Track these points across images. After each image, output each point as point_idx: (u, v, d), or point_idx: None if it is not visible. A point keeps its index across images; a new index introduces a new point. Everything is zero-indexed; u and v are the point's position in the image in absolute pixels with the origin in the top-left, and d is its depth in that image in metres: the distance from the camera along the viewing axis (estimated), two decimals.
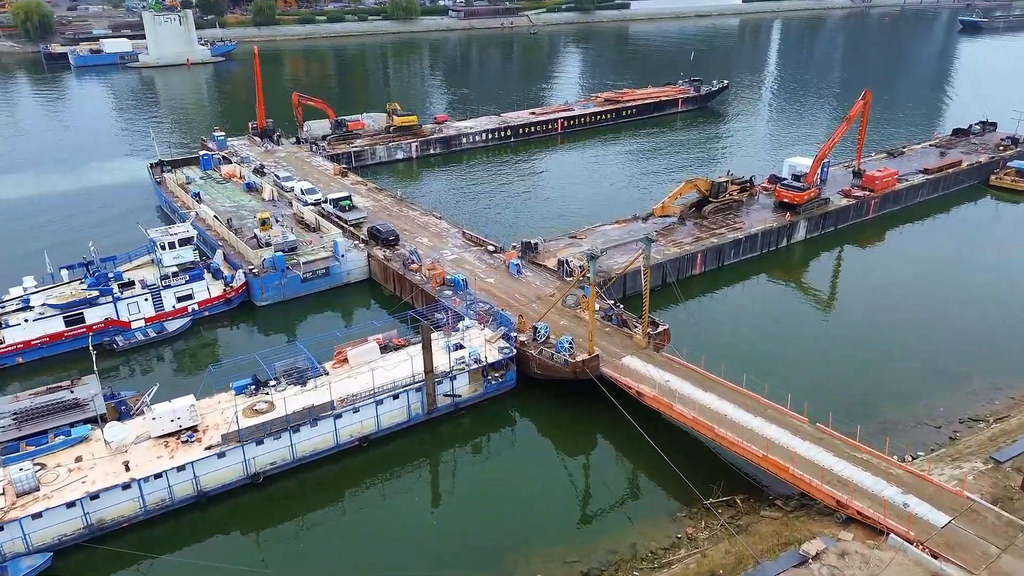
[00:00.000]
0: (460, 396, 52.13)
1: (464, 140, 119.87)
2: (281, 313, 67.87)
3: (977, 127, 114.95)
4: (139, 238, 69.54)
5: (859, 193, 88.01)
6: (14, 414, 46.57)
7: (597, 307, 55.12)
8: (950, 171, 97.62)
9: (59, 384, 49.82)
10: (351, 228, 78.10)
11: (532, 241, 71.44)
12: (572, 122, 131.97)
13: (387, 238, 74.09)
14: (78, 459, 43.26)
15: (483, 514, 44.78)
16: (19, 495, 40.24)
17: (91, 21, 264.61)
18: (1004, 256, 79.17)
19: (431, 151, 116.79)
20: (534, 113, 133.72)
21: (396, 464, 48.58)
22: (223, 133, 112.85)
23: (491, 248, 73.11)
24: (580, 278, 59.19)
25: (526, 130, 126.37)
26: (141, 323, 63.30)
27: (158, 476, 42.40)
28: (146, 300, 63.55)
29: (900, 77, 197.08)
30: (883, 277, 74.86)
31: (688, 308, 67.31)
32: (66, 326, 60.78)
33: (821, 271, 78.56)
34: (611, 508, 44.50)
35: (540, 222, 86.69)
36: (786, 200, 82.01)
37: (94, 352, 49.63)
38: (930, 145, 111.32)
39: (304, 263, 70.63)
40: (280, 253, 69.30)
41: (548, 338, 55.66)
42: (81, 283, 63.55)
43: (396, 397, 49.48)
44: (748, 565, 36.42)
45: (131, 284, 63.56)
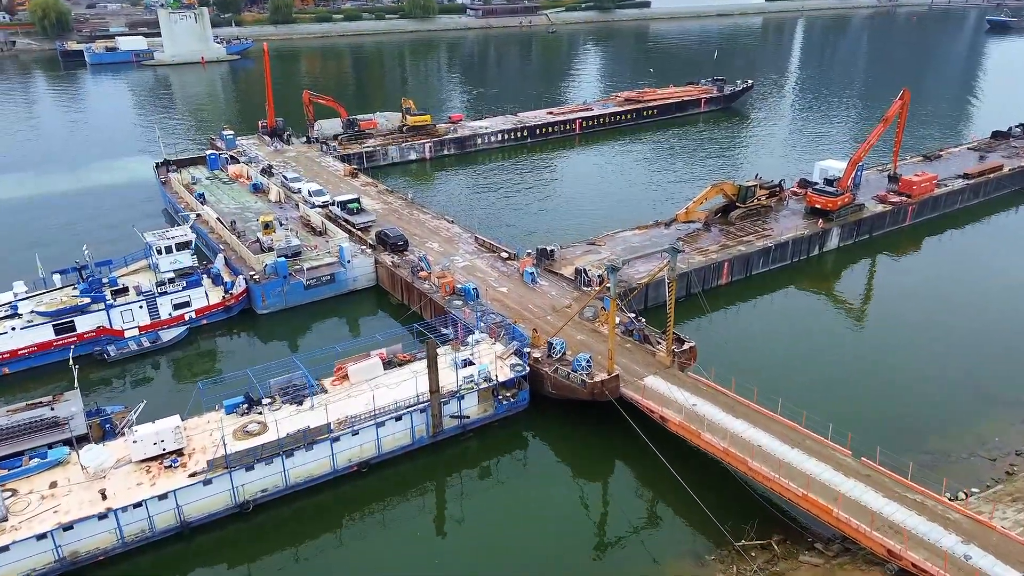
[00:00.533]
0: (468, 417, 48.29)
1: (479, 140, 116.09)
2: (283, 322, 64.42)
3: (1018, 129, 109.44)
4: (138, 241, 66.23)
5: (895, 199, 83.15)
6: None
7: (617, 321, 51.11)
8: (991, 176, 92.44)
9: (39, 400, 46.57)
10: (359, 232, 74.56)
11: (548, 248, 67.49)
12: (591, 122, 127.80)
13: (396, 243, 70.47)
14: (53, 485, 39.92)
15: (491, 546, 41.09)
16: None
17: (108, 19, 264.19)
18: None
19: (445, 152, 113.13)
20: (552, 113, 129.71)
21: (398, 491, 44.87)
22: (232, 132, 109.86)
23: (504, 255, 69.24)
24: (599, 291, 55.16)
25: (543, 130, 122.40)
26: (135, 332, 60.04)
27: (137, 505, 38.94)
28: (140, 308, 60.29)
29: (929, 77, 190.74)
30: (922, 289, 70.11)
31: (714, 321, 63.05)
32: (56, 335, 57.64)
33: (856, 282, 73.91)
34: (631, 546, 40.47)
35: (556, 227, 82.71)
36: (818, 206, 77.39)
37: (75, 367, 46.23)
38: (968, 148, 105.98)
39: (308, 269, 67.13)
40: (283, 259, 65.88)
41: (564, 354, 51.72)
42: (74, 289, 60.53)
43: (399, 419, 45.74)
44: None
45: (125, 290, 60.35)
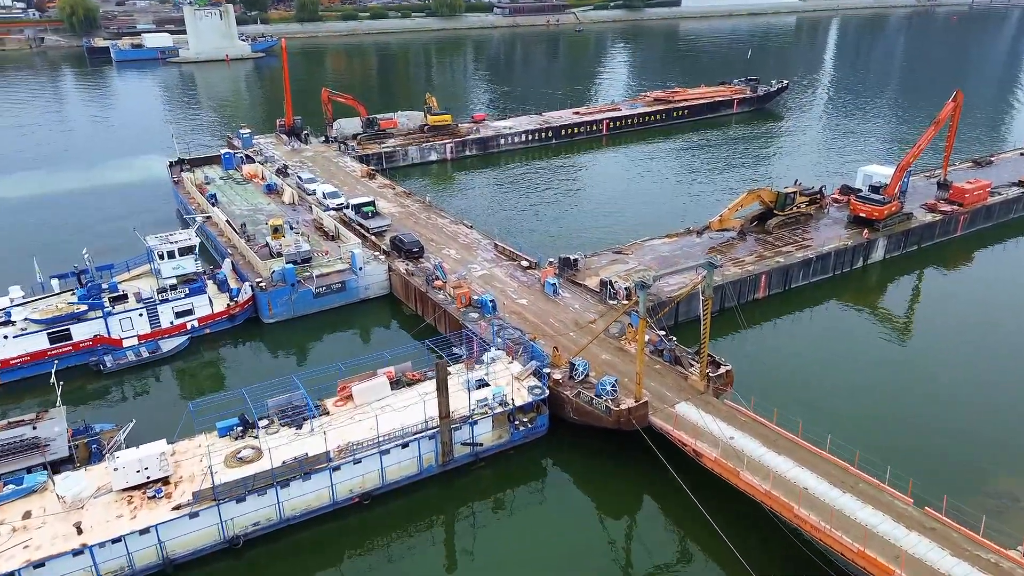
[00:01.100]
0: (481, 445, 44.26)
1: (502, 141, 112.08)
2: (290, 332, 60.96)
3: None
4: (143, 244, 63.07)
5: (946, 207, 77.59)
6: None
7: (646, 339, 46.78)
8: None
9: (21, 419, 43.43)
10: (373, 237, 70.93)
11: (571, 257, 63.26)
12: (619, 123, 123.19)
13: (410, 249, 66.71)
14: (26, 515, 36.63)
15: None
16: None
17: (136, 16, 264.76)
18: None
19: (467, 152, 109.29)
20: (578, 113, 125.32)
21: (404, 525, 41.00)
22: (249, 131, 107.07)
23: (525, 264, 65.14)
24: (627, 307, 50.83)
25: (569, 131, 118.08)
26: (134, 341, 56.91)
27: (116, 541, 35.47)
28: (140, 315, 57.14)
29: (975, 79, 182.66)
30: (976, 306, 64.71)
31: (751, 339, 58.36)
32: (50, 343, 54.64)
33: (904, 298, 68.65)
34: None
35: (581, 234, 78.41)
36: (863, 215, 72.17)
37: (59, 384, 43.02)
38: (1021, 154, 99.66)
39: (318, 276, 63.65)
40: (291, 265, 62.39)
41: (587, 376, 47.50)
42: (72, 295, 57.63)
43: (405, 446, 41.87)
44: None
45: (124, 297, 57.28)
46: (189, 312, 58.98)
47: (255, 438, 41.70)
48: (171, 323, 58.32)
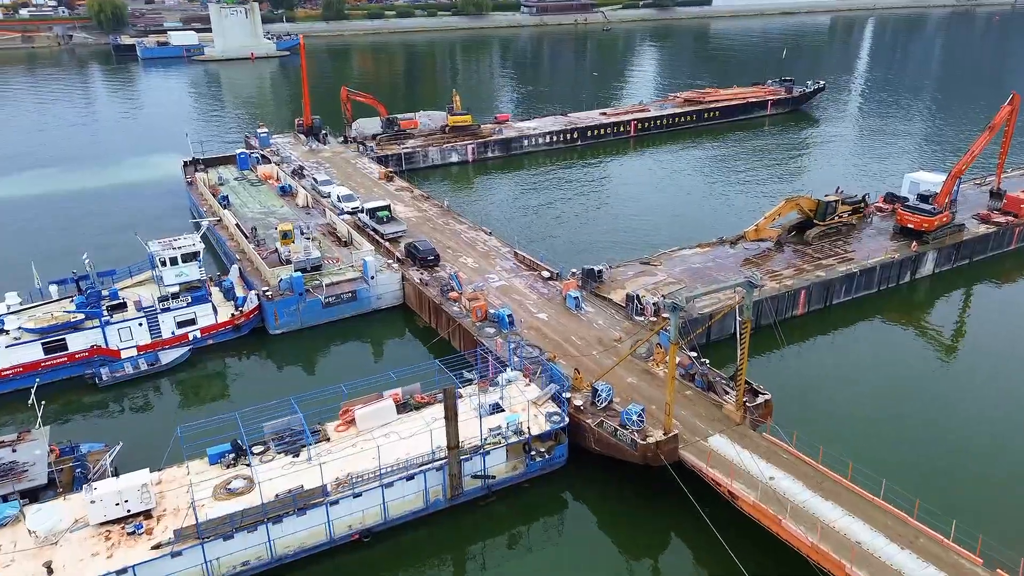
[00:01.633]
0: (494, 477, 40.55)
1: (526, 142, 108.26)
2: (297, 344, 57.77)
3: None
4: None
5: (1000, 218, 72.28)
6: None
7: (676, 361, 42.72)
8: None
9: (1, 440, 40.54)
10: (387, 243, 67.59)
11: (595, 268, 59.27)
12: (647, 124, 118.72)
13: (426, 258, 63.22)
14: None
15: None
16: None
17: (164, 14, 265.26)
18: None
19: (489, 154, 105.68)
20: (605, 114, 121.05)
21: (407, 564, 37.52)
22: (266, 130, 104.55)
23: (546, 274, 61.32)
24: (658, 328, 46.85)
25: (595, 132, 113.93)
26: (132, 352, 54.07)
27: None
28: (140, 325, 54.29)
29: (1020, 83, 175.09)
30: None
31: (790, 362, 53.91)
32: (45, 354, 51.98)
33: (956, 316, 63.67)
34: None
35: (606, 242, 74.35)
36: (910, 225, 67.23)
37: (40, 405, 40.09)
38: None
39: (327, 285, 60.38)
40: (299, 273, 59.20)
41: (611, 402, 43.59)
42: (71, 302, 54.96)
43: (410, 478, 38.29)
44: None
45: (123, 306, 54.49)
46: (191, 322, 56.03)
47: (248, 466, 38.39)
48: (172, 333, 55.42)
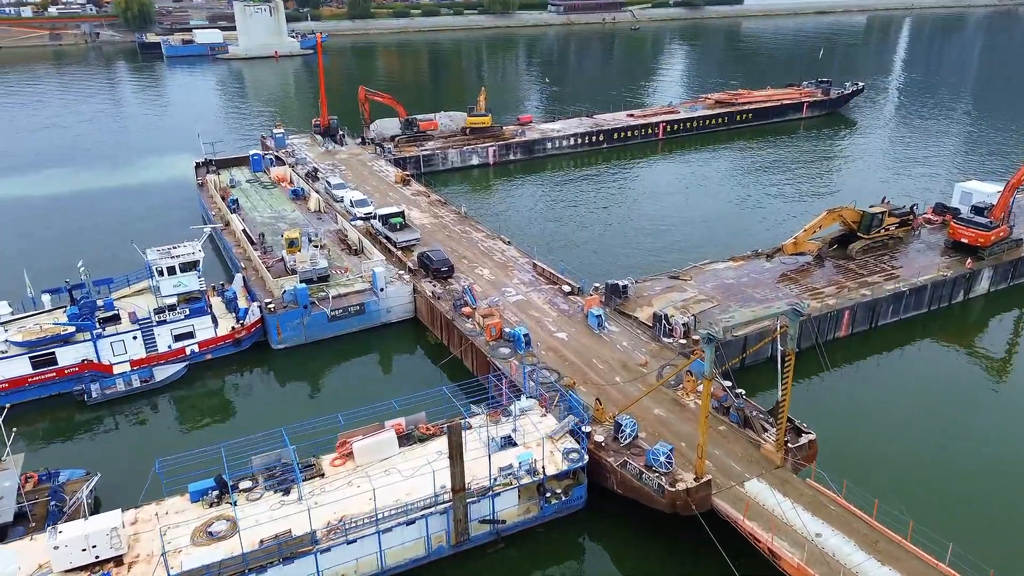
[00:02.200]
0: (503, 522, 36.59)
1: (549, 145, 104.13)
2: (300, 361, 54.28)
3: None
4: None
5: None
6: None
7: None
8: None
9: None
10: (400, 252, 63.93)
11: (620, 283, 54.99)
12: (676, 126, 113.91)
13: (439, 269, 59.45)
14: None
15: None
16: None
17: (190, 12, 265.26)
18: None
19: (511, 156, 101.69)
20: (632, 115, 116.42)
21: None
22: (282, 130, 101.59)
23: (567, 289, 57.19)
24: (683, 366, 42.57)
25: (621, 135, 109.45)
26: (126, 368, 50.92)
27: None
28: (134, 338, 51.17)
29: None
30: None
31: (834, 392, 49.11)
32: (33, 368, 49.01)
33: (1013, 339, 58.25)
34: None
35: (631, 252, 70.09)
36: (964, 240, 62.05)
37: (10, 433, 36.91)
38: None
39: (334, 297, 56.84)
40: (303, 285, 55.71)
41: (636, 438, 39.38)
42: (63, 313, 52.02)
43: (411, 523, 34.46)
44: None
45: (116, 318, 51.43)
46: (189, 335, 52.78)
47: (234, 504, 34.82)
48: (169, 347, 52.20)
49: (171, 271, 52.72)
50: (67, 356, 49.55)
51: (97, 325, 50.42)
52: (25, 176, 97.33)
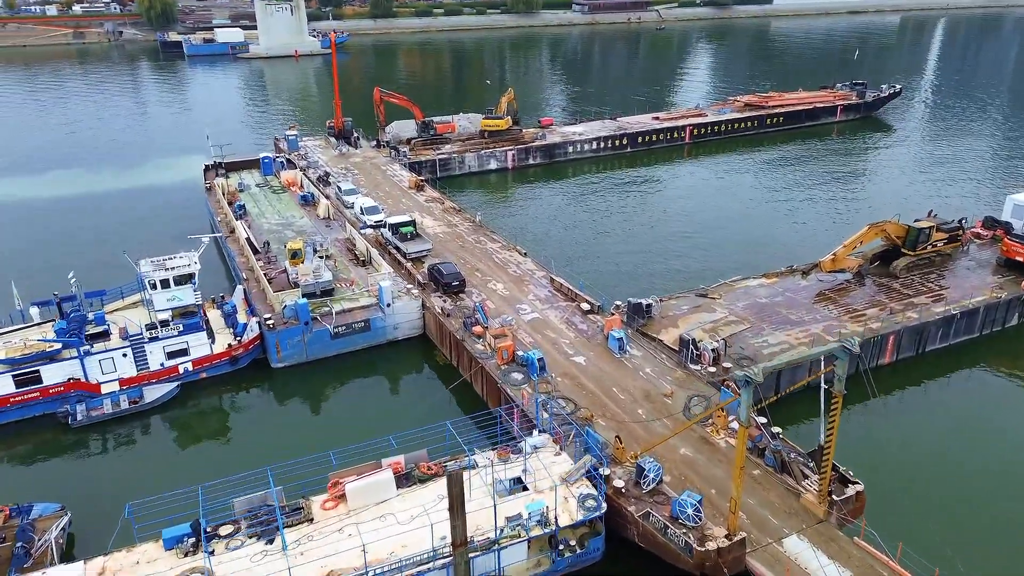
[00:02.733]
0: None
1: (570, 149, 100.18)
2: (301, 381, 50.95)
3: None
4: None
5: None
6: None
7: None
8: None
9: None
10: (409, 264, 60.41)
11: (643, 302, 50.93)
12: (703, 130, 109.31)
13: (449, 283, 55.81)
14: None
15: None
16: None
17: (213, 11, 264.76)
18: None
19: (530, 161, 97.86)
20: (657, 118, 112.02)
21: None
22: (295, 132, 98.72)
23: (585, 307, 53.26)
24: (714, 409, 38.51)
25: (646, 138, 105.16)
26: (115, 387, 47.93)
27: None
28: (124, 356, 48.16)
29: None
30: None
31: (881, 427, 44.66)
32: (16, 387, 46.10)
33: None
34: None
35: (656, 266, 65.99)
36: (1019, 258, 57.20)
37: None
38: None
39: (338, 312, 53.45)
40: (304, 300, 52.34)
41: (660, 482, 35.40)
42: (52, 328, 49.16)
43: None
44: None
45: (105, 335, 48.45)
46: (183, 352, 49.66)
47: (211, 553, 31.43)
48: (161, 365, 49.11)
49: (165, 284, 49.55)
50: (52, 374, 46.63)
51: (85, 341, 47.46)
52: (30, 176, 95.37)
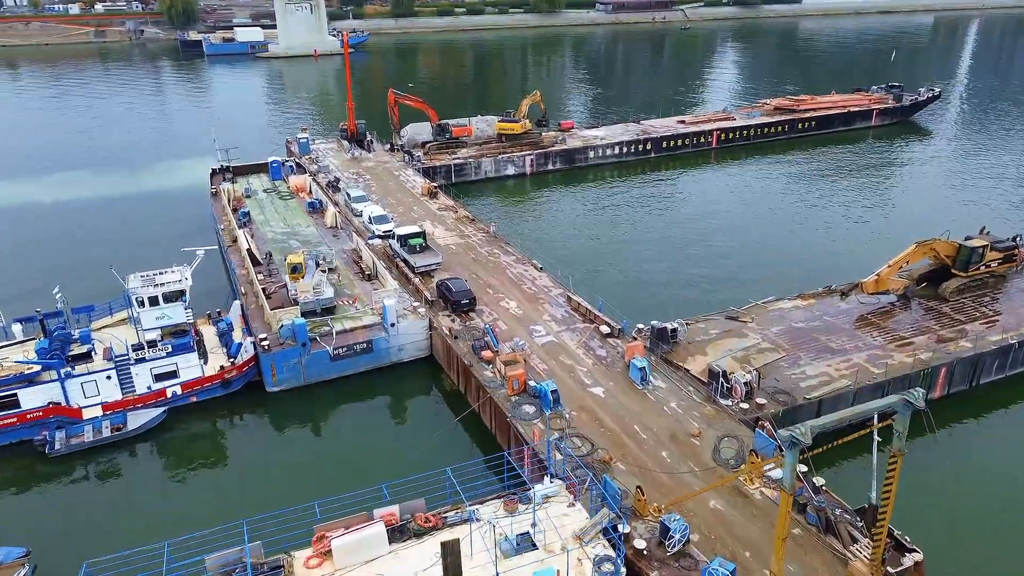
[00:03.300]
0: None
1: (591, 154, 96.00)
2: (297, 407, 47.49)
3: None
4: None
5: None
6: None
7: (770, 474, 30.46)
8: None
9: None
10: (417, 279, 56.70)
11: (668, 326, 46.76)
12: (731, 135, 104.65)
13: (459, 301, 52.00)
14: None
15: None
16: None
17: (235, 9, 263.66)
18: None
19: (549, 166, 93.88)
20: (683, 122, 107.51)
21: None
22: (307, 135, 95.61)
23: (605, 329, 49.16)
24: (773, 460, 34.29)
25: (671, 143, 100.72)
26: (98, 412, 44.72)
27: None
28: (108, 378, 44.94)
29: None
30: None
31: (936, 475, 40.05)
32: None
33: None
34: None
35: (681, 284, 61.72)
36: None
37: None
38: None
39: (338, 333, 49.88)
40: (302, 320, 48.78)
41: (687, 542, 31.29)
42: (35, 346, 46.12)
43: None
44: None
45: (87, 356, 45.24)
46: (172, 375, 46.34)
47: None
48: (148, 388, 45.84)
49: (153, 301, 46.30)
50: (31, 398, 43.52)
51: (66, 363, 44.31)
52: (34, 179, 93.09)
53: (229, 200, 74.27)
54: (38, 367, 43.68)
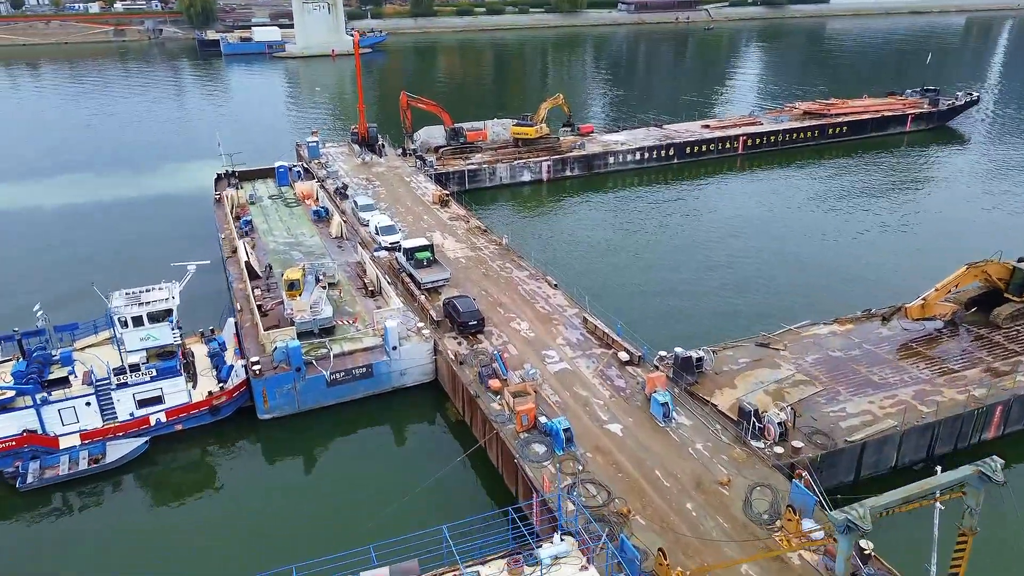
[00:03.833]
0: None
1: (611, 159, 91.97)
2: (290, 436, 44.05)
3: None
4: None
5: None
6: None
7: (813, 535, 26.47)
8: None
9: None
10: (423, 296, 53.12)
11: (693, 355, 42.80)
12: (759, 140, 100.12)
13: (466, 323, 48.30)
14: None
15: None
16: None
17: (254, 9, 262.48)
18: None
19: (567, 172, 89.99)
20: (708, 126, 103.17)
21: None
22: (317, 138, 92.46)
23: (624, 356, 45.25)
24: (820, 540, 30.25)
25: (695, 148, 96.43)
26: (75, 441, 41.63)
27: None
28: (88, 404, 41.85)
29: None
30: None
31: (1001, 533, 35.68)
32: None
33: None
34: None
35: (707, 304, 57.52)
36: None
37: None
38: None
39: (336, 355, 46.42)
40: (297, 343, 45.33)
41: None
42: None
43: None
44: None
45: (64, 381, 42.14)
46: (157, 400, 43.13)
47: None
48: (131, 415, 42.68)
49: (138, 321, 43.17)
50: (3, 425, 40.46)
51: (42, 388, 41.24)
52: (38, 181, 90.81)
53: (232, 207, 71.23)
54: (11, 392, 40.67)
